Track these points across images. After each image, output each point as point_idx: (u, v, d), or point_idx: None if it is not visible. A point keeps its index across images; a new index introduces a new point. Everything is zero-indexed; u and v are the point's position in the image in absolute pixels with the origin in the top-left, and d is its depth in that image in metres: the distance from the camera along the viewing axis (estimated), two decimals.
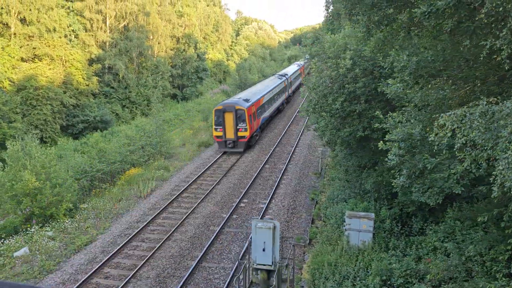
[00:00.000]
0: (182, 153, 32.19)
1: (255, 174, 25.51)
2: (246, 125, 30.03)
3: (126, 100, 53.65)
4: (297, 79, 60.03)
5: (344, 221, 17.34)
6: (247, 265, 10.73)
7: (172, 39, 69.51)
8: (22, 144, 20.48)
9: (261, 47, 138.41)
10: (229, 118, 29.92)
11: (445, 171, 8.40)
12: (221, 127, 30.00)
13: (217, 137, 30.56)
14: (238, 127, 29.93)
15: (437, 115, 9.15)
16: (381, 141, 9.70)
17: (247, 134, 30.22)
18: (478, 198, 14.02)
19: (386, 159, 9.46)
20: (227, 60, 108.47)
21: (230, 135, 30.07)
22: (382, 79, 15.58)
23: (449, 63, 8.03)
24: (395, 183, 9.89)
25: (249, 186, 23.54)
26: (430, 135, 7.83)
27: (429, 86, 8.97)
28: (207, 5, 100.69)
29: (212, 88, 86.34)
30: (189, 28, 76.31)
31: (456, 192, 8.03)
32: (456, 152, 8.02)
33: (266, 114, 37.69)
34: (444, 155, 8.43)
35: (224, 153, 30.98)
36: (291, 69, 60.70)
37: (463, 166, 7.85)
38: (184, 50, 72.16)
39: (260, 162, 28.46)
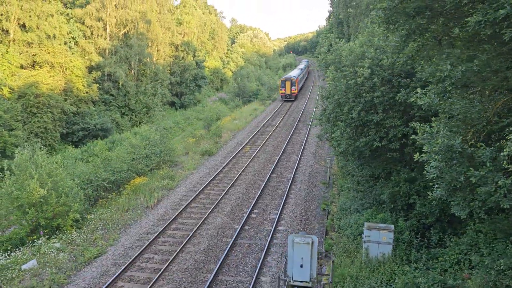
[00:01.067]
0: (186, 161, 31.81)
1: (263, 184, 25.18)
2: (296, 88, 61.36)
3: (125, 108, 53.19)
4: (306, 71, 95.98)
5: (362, 233, 17.07)
6: (286, 282, 10.30)
7: (171, 47, 69.34)
8: (29, 152, 20.00)
9: (256, 55, 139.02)
10: (288, 84, 61.00)
11: (489, 184, 8.14)
12: (284, 88, 61.26)
13: (282, 93, 61.77)
14: (292, 88, 60.76)
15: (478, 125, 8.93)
16: (417, 153, 9.41)
17: (296, 92, 61.68)
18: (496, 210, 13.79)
19: (425, 172, 9.17)
20: (224, 67, 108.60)
21: (288, 92, 61.17)
22: (401, 89, 15.45)
23: (494, 73, 7.81)
24: (431, 195, 9.61)
25: (258, 196, 23.18)
26: (481, 147, 7.59)
27: (471, 96, 8.76)
28: (203, 13, 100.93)
29: (209, 95, 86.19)
30: (188, 36, 76.22)
31: (504, 206, 7.76)
32: (504, 164, 7.80)
33: (300, 84, 71.01)
34: (488, 167, 8.17)
35: (230, 162, 30.75)
36: (303, 65, 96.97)
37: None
38: (183, 57, 71.99)
39: (266, 172, 28.15)
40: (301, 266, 9.83)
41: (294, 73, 70.66)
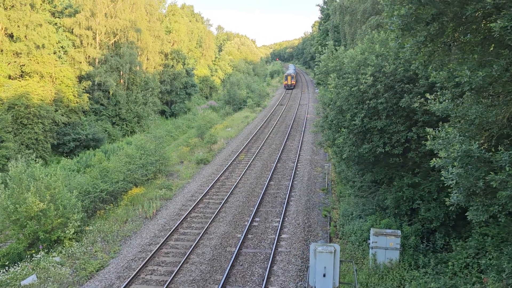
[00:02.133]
0: (182, 170, 31.53)
1: (262, 192, 25.05)
2: (294, 80, 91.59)
3: (116, 117, 52.64)
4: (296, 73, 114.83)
5: (367, 239, 17.05)
6: None
7: (160, 55, 69.07)
8: (24, 164, 19.57)
9: (244, 62, 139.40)
10: (289, 78, 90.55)
11: (510, 188, 8.17)
12: (286, 80, 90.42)
13: (285, 83, 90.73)
14: (292, 81, 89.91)
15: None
16: (434, 158, 9.42)
17: (294, 83, 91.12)
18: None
19: (443, 178, 9.17)
20: (212, 75, 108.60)
21: (289, 83, 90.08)
22: (404, 94, 15.55)
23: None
24: (448, 201, 9.61)
25: (258, 204, 23.05)
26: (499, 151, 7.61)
27: (485, 100, 8.82)
28: (190, 21, 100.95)
29: (199, 104, 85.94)
30: (178, 44, 76.05)
31: None
32: None
33: (295, 79, 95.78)
34: (508, 171, 8.21)
35: (226, 170, 30.56)
36: (293, 68, 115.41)
37: None
38: (172, 66, 71.73)
39: (264, 179, 28.05)
40: (324, 275, 9.72)
41: (291, 71, 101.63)
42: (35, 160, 20.43)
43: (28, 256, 17.78)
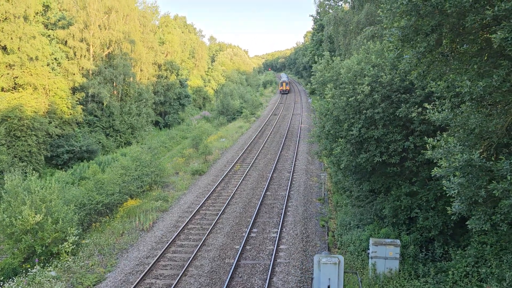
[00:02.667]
0: (177, 182, 31.40)
1: (259, 202, 24.98)
2: (289, 86, 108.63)
3: (110, 129, 52.41)
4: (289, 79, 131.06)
5: (366, 249, 17.03)
6: None
7: (154, 66, 69.13)
8: (19, 177, 19.37)
9: (237, 72, 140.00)
10: (284, 84, 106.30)
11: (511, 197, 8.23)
12: (282, 86, 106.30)
13: (281, 89, 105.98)
14: (286, 87, 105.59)
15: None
16: (435, 168, 9.47)
17: (288, 88, 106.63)
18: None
19: (444, 188, 9.22)
20: (205, 86, 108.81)
21: (284, 88, 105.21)
22: (401, 104, 15.70)
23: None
24: (450, 211, 9.66)
25: (256, 214, 22.97)
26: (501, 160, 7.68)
27: (485, 110, 8.92)
28: (182, 32, 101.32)
29: (192, 114, 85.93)
30: (171, 55, 76.20)
31: None
32: None
33: (290, 85, 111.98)
34: (509, 180, 8.27)
35: (222, 181, 30.47)
36: (286, 76, 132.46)
37: None
38: (166, 76, 71.78)
39: (260, 189, 28.00)
40: (328, 287, 9.67)
41: (285, 79, 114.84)
42: (32, 173, 20.24)
43: (23, 271, 17.50)
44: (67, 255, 18.67)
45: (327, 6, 44.99)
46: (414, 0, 7.94)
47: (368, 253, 15.63)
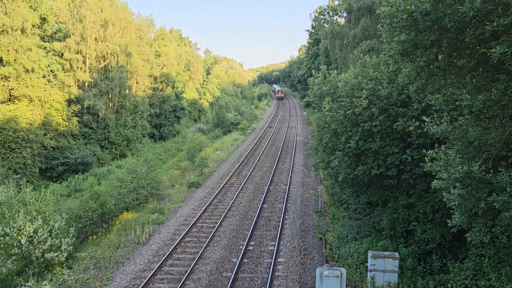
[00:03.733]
0: (173, 194, 31.26)
1: (256, 215, 24.90)
2: (284, 94, 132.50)
3: (105, 141, 52.26)
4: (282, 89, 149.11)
5: (364, 262, 17.01)
6: None
7: (150, 79, 69.31)
8: (14, 189, 19.22)
9: (232, 85, 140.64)
10: (280, 92, 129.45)
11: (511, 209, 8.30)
12: (277, 94, 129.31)
13: (277, 96, 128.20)
14: (281, 95, 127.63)
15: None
16: (435, 180, 9.54)
17: (283, 96, 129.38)
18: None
19: (445, 199, 9.28)
20: (200, 98, 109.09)
21: (279, 95, 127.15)
22: (399, 118, 15.84)
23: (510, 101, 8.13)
24: (450, 223, 9.70)
25: (253, 227, 22.87)
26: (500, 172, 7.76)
27: (483, 123, 9.04)
28: (178, 45, 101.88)
29: (188, 126, 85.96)
30: (167, 68, 76.47)
31: None
32: None
33: (283, 93, 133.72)
34: (509, 192, 8.35)
35: (218, 193, 30.39)
36: (279, 87, 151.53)
37: None
38: (161, 89, 71.94)
39: (257, 202, 27.93)
40: None
41: (279, 89, 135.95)
42: (26, 185, 20.10)
43: (17, 285, 17.23)
44: (62, 268, 18.46)
45: (322, 21, 45.58)
46: (414, 15, 8.09)
47: (367, 266, 15.60)
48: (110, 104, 55.13)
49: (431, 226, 16.01)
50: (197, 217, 25.01)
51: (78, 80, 50.11)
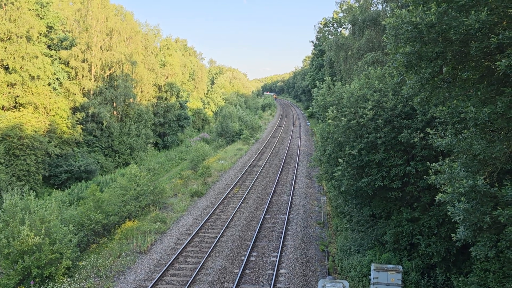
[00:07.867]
0: (176, 203, 31.16)
1: (258, 226, 24.76)
2: (275, 95, 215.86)
3: (109, 149, 52.38)
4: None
5: (367, 274, 16.83)
6: None
7: (154, 88, 69.66)
8: (18, 197, 19.20)
9: (236, 95, 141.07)
10: (274, 94, 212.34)
11: None
12: (275, 95, 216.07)
13: (274, 97, 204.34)
14: (277, 97, 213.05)
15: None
16: (439, 193, 9.46)
17: (275, 97, 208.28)
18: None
19: (450, 213, 9.19)
20: (204, 108, 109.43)
21: (275, 97, 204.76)
22: (403, 129, 15.78)
23: None
24: (454, 237, 9.60)
25: (255, 238, 22.73)
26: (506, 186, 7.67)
27: (488, 136, 8.98)
28: (183, 54, 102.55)
29: (191, 136, 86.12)
30: (172, 77, 76.88)
31: None
32: None
33: (275, 95, 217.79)
34: None
35: (221, 203, 30.29)
36: (271, 94, 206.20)
37: None
38: (166, 98, 72.24)
39: (259, 213, 27.80)
40: None
41: (273, 93, 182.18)
42: (29, 192, 20.09)
43: None
44: (63, 277, 18.35)
45: (327, 32, 45.81)
46: (419, 27, 8.10)
47: (370, 279, 15.44)
48: (115, 113, 55.36)
49: (435, 240, 15.83)
50: (199, 226, 24.90)
51: (83, 88, 50.46)
